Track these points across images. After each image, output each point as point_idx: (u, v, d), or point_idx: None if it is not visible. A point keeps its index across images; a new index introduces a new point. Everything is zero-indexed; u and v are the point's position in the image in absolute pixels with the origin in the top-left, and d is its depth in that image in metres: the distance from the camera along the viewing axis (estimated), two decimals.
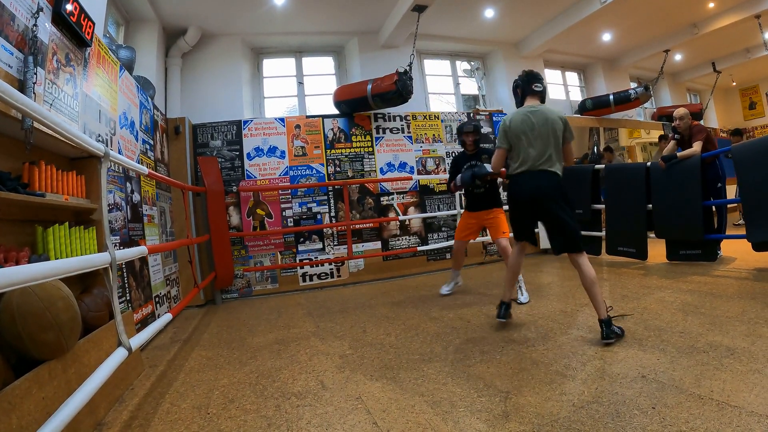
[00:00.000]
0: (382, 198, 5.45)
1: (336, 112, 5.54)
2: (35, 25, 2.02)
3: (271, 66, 6.16)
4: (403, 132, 5.68)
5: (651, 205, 4.20)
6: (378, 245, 5.36)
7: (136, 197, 3.35)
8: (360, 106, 5.29)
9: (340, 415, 1.65)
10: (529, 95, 2.53)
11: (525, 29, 6.65)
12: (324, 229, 5.17)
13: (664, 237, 4.19)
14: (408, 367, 2.10)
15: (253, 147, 5.10)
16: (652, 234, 4.30)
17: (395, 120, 5.67)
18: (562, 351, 2.10)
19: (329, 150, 5.35)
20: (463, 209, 3.89)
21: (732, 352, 1.81)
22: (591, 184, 5.01)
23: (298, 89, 6.14)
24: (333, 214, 5.23)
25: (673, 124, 4.21)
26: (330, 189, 5.25)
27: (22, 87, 1.87)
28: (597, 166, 5.09)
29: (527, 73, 2.57)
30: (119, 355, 1.58)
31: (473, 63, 7.20)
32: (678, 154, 4.04)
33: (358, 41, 6.03)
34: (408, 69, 5.02)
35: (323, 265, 5.12)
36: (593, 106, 7.17)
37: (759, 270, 3.42)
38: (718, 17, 6.50)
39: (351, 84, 5.49)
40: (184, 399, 1.98)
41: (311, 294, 4.76)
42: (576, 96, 8.15)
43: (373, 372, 2.10)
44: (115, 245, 2.74)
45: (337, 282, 5.15)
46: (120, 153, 3.07)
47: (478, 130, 3.68)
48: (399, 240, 5.45)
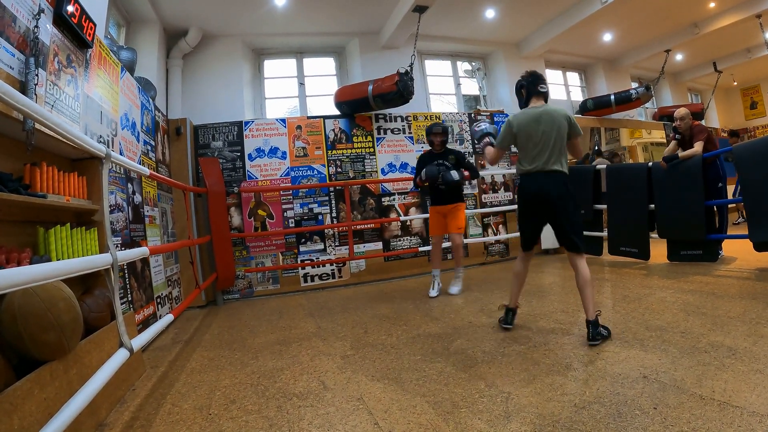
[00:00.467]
0: (383, 198, 5.45)
1: (337, 112, 5.54)
2: (36, 27, 2.02)
3: (272, 67, 6.17)
4: (405, 132, 5.68)
5: (653, 205, 4.20)
6: (379, 246, 5.36)
7: (137, 198, 3.36)
8: (361, 106, 5.29)
9: (341, 416, 1.65)
10: (535, 96, 2.53)
11: (526, 29, 6.65)
12: (325, 230, 5.17)
13: (666, 237, 4.18)
14: (409, 368, 2.10)
15: (255, 148, 5.11)
16: (654, 234, 4.29)
17: (396, 120, 5.67)
18: (563, 351, 2.10)
19: (330, 151, 5.35)
20: (429, 205, 4.10)
21: (733, 352, 1.81)
22: (592, 184, 5.01)
23: (299, 90, 6.15)
24: (334, 214, 5.23)
25: (674, 124, 4.21)
26: (331, 190, 5.25)
27: (23, 88, 1.87)
28: (599, 166, 5.09)
29: (532, 74, 2.57)
30: (121, 356, 1.59)
31: (474, 63, 7.20)
32: (679, 154, 4.03)
33: (358, 42, 6.04)
34: (409, 69, 5.03)
35: (325, 266, 5.12)
36: (594, 106, 7.17)
37: (760, 270, 3.42)
38: (718, 17, 6.49)
39: (352, 85, 5.49)
40: (185, 400, 1.98)
41: (313, 294, 4.76)
42: (577, 96, 8.15)
43: (375, 372, 2.09)
44: (117, 246, 2.75)
45: (339, 282, 5.15)
46: (121, 154, 3.07)
47: (446, 131, 3.94)
48: (400, 240, 5.45)
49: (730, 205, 4.73)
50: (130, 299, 2.90)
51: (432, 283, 3.95)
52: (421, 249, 5.30)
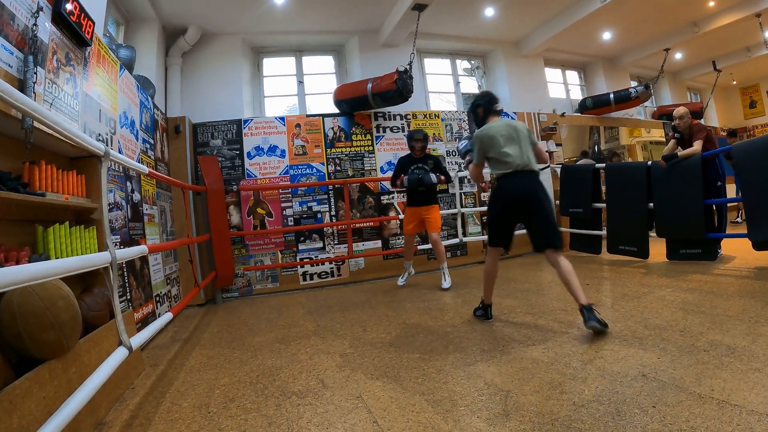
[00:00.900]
0: (382, 197, 5.45)
1: (336, 111, 5.54)
2: (35, 25, 2.02)
3: (271, 65, 6.15)
4: (404, 131, 5.67)
5: (652, 204, 4.20)
6: (378, 244, 5.36)
7: (136, 196, 3.35)
8: (360, 105, 5.29)
9: (340, 414, 1.65)
10: (492, 114, 2.79)
11: (525, 28, 6.64)
12: (324, 228, 5.17)
13: (665, 236, 4.18)
14: (408, 366, 2.10)
15: (254, 146, 5.10)
16: (652, 233, 4.29)
17: (395, 119, 5.67)
18: (562, 350, 2.10)
19: (329, 149, 5.35)
20: (406, 206, 4.32)
21: (732, 350, 1.81)
22: (591, 183, 5.02)
23: (298, 88, 6.14)
24: (333, 213, 5.23)
25: (673, 123, 4.21)
26: (330, 188, 5.25)
27: (22, 86, 1.87)
28: (598, 165, 5.09)
29: (487, 94, 2.84)
30: (120, 355, 1.59)
31: (473, 62, 7.19)
32: (679, 153, 4.03)
33: (358, 40, 6.03)
34: (408, 68, 5.02)
35: (324, 264, 5.13)
36: (594, 104, 7.17)
37: (759, 269, 3.42)
38: (718, 16, 6.49)
39: (351, 83, 5.48)
40: (184, 398, 1.98)
41: (312, 293, 4.76)
42: (576, 95, 8.14)
43: (374, 371, 2.10)
44: (116, 244, 2.75)
45: (338, 281, 5.15)
46: (120, 152, 3.07)
47: (426, 138, 4.23)
48: (399, 239, 5.44)
49: (729, 204, 4.74)
50: (129, 298, 2.90)
51: (403, 274, 4.52)
52: (421, 247, 5.30)
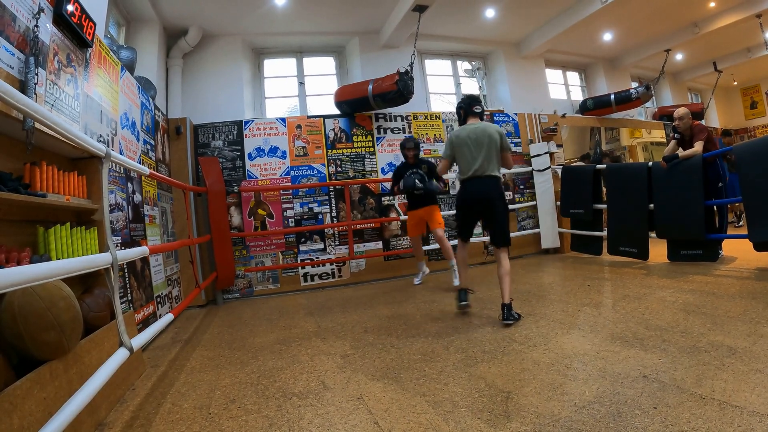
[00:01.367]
0: (383, 198, 5.45)
1: (337, 112, 5.54)
2: (36, 26, 2.02)
3: (272, 66, 6.16)
4: (405, 132, 5.67)
5: (652, 205, 4.19)
6: (379, 245, 5.36)
7: (137, 197, 3.36)
8: (361, 106, 5.29)
9: (341, 415, 1.65)
10: (471, 115, 2.99)
11: (526, 29, 6.65)
12: (325, 229, 5.17)
13: (665, 237, 4.18)
14: (409, 367, 2.10)
15: (254, 147, 5.11)
16: (653, 234, 4.29)
17: (396, 120, 5.67)
18: (563, 351, 2.10)
19: (330, 150, 5.35)
20: (407, 210, 4.46)
21: (733, 351, 1.81)
22: (592, 184, 5.01)
23: (299, 89, 6.14)
24: (334, 214, 5.23)
25: (674, 123, 4.20)
26: (331, 189, 5.25)
27: (23, 88, 1.87)
28: (598, 165, 5.09)
29: (468, 97, 3.04)
30: (120, 356, 1.59)
31: (474, 63, 7.20)
32: (679, 154, 4.03)
33: (358, 41, 6.03)
34: (409, 69, 5.03)
35: (324, 265, 5.13)
36: (594, 105, 7.17)
37: (760, 270, 3.42)
38: (718, 16, 6.49)
39: (352, 84, 5.49)
40: (185, 399, 1.98)
41: (312, 294, 4.76)
42: (577, 96, 8.14)
43: (375, 372, 2.09)
44: (117, 245, 2.75)
45: (339, 282, 5.15)
46: (121, 153, 3.07)
47: (417, 146, 4.40)
48: (400, 240, 5.45)
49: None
50: (129, 298, 2.90)
51: (417, 274, 4.68)
52: (423, 248, 5.29)
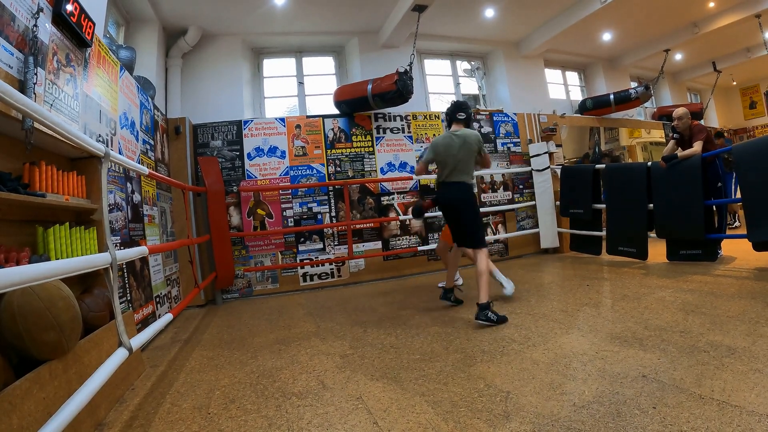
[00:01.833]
0: (382, 198, 5.45)
1: (336, 112, 5.54)
2: (35, 26, 2.02)
3: (272, 66, 6.16)
4: (404, 132, 5.68)
5: (652, 205, 4.20)
6: (378, 245, 5.36)
7: (136, 197, 3.35)
8: (360, 106, 5.29)
9: (340, 415, 1.65)
10: (455, 122, 3.10)
11: (525, 29, 6.65)
12: (324, 229, 5.17)
13: (664, 237, 4.18)
14: (409, 367, 2.10)
15: (254, 147, 5.11)
16: (652, 234, 4.29)
17: (395, 120, 5.67)
18: (562, 350, 2.10)
19: (330, 150, 5.35)
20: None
21: (733, 351, 1.81)
22: (592, 183, 5.02)
23: (298, 89, 6.14)
24: (333, 214, 5.23)
25: (673, 123, 4.21)
26: (330, 189, 5.25)
27: (22, 87, 1.87)
28: (597, 165, 5.09)
29: (454, 104, 3.14)
30: (120, 356, 1.59)
31: (473, 63, 7.20)
32: (679, 154, 4.03)
33: (358, 41, 6.03)
34: (408, 69, 5.02)
35: (324, 265, 5.12)
36: (594, 105, 7.17)
37: (759, 269, 3.42)
38: (718, 16, 6.49)
39: (351, 84, 5.48)
40: (184, 399, 1.98)
41: (312, 294, 4.76)
42: (576, 96, 8.14)
43: (374, 372, 2.09)
44: (116, 245, 2.75)
45: (338, 282, 5.15)
46: (120, 153, 3.07)
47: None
48: (399, 240, 5.45)
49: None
50: (129, 298, 2.90)
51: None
52: (420, 248, 5.30)
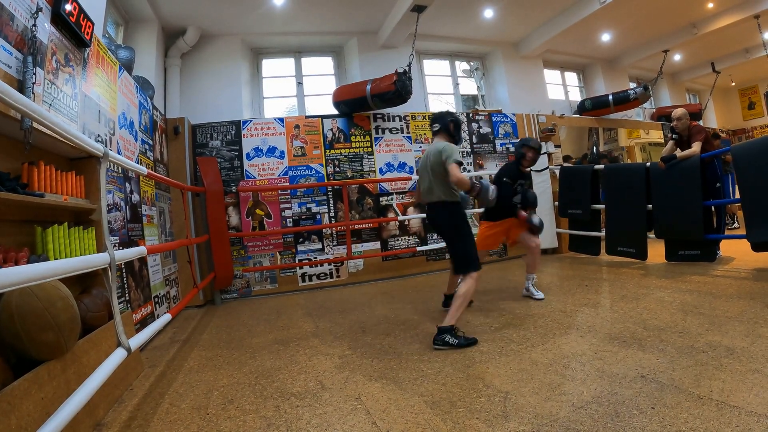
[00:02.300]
0: (381, 198, 5.45)
1: (335, 112, 5.53)
2: (34, 26, 2.01)
3: (271, 66, 6.16)
4: (403, 132, 5.68)
5: (651, 206, 4.20)
6: (377, 245, 5.35)
7: (135, 197, 3.35)
8: (359, 106, 5.29)
9: (339, 416, 1.65)
10: (433, 135, 2.86)
11: (524, 29, 6.65)
12: (323, 230, 5.17)
13: (663, 237, 4.19)
14: (407, 368, 2.10)
15: (253, 147, 5.10)
16: (651, 234, 4.30)
17: (394, 120, 5.67)
18: (561, 351, 2.10)
19: (328, 150, 5.35)
20: (483, 219, 3.65)
21: (731, 352, 1.82)
22: (590, 184, 5.02)
23: (297, 89, 6.14)
24: (332, 214, 5.23)
25: (672, 124, 4.21)
26: (329, 189, 5.25)
27: (21, 87, 1.87)
28: (597, 166, 5.10)
29: (431, 116, 2.92)
30: (118, 356, 1.58)
31: (472, 63, 7.20)
32: (678, 154, 4.04)
33: (357, 41, 6.03)
34: (407, 69, 5.02)
35: (322, 266, 5.12)
36: (592, 106, 7.18)
37: (758, 270, 3.43)
38: (717, 17, 6.50)
39: (350, 84, 5.48)
40: (183, 399, 1.98)
41: (310, 294, 4.76)
42: (575, 96, 8.15)
43: (373, 372, 2.09)
44: (115, 245, 2.75)
45: (337, 282, 5.14)
46: (119, 153, 3.06)
47: (539, 152, 3.55)
48: (398, 240, 5.45)
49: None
50: (127, 299, 2.90)
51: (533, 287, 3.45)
52: (419, 249, 5.30)
